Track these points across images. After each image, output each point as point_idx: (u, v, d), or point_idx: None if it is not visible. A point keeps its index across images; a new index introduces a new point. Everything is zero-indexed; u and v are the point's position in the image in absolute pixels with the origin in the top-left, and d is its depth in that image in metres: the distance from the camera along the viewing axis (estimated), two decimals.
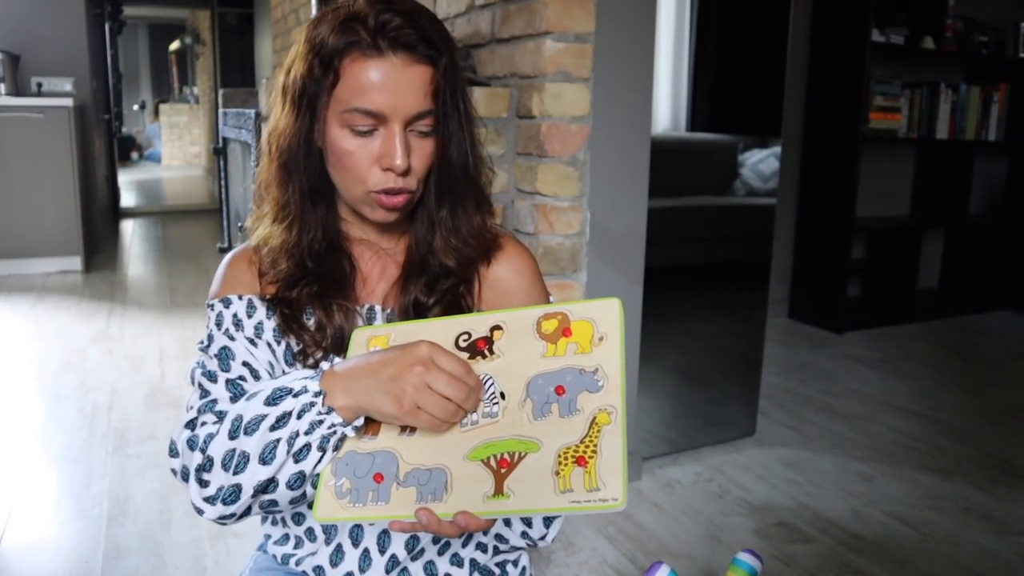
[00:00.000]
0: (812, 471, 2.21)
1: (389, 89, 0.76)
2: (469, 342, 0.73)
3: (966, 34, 3.90)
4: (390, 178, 0.78)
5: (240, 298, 0.84)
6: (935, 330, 3.75)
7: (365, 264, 0.88)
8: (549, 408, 0.67)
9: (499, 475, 0.65)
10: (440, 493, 0.65)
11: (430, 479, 0.66)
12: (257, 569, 0.93)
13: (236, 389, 0.79)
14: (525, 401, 0.68)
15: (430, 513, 0.64)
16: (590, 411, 0.65)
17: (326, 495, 0.68)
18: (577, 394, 0.67)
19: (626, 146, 1.91)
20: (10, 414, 2.50)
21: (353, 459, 0.69)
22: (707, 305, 2.26)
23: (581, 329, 0.70)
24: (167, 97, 12.59)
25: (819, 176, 3.70)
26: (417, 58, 0.77)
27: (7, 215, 4.35)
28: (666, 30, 2.02)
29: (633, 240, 1.98)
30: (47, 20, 4.85)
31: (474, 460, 0.66)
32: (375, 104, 0.76)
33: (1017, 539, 1.88)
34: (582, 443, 0.64)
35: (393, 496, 0.67)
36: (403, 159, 0.77)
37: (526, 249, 0.92)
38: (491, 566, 0.94)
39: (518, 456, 0.65)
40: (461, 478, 0.66)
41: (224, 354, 0.81)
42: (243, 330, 0.83)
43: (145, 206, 7.69)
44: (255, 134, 2.44)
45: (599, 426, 0.64)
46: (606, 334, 0.69)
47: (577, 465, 0.63)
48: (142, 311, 3.75)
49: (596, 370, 0.67)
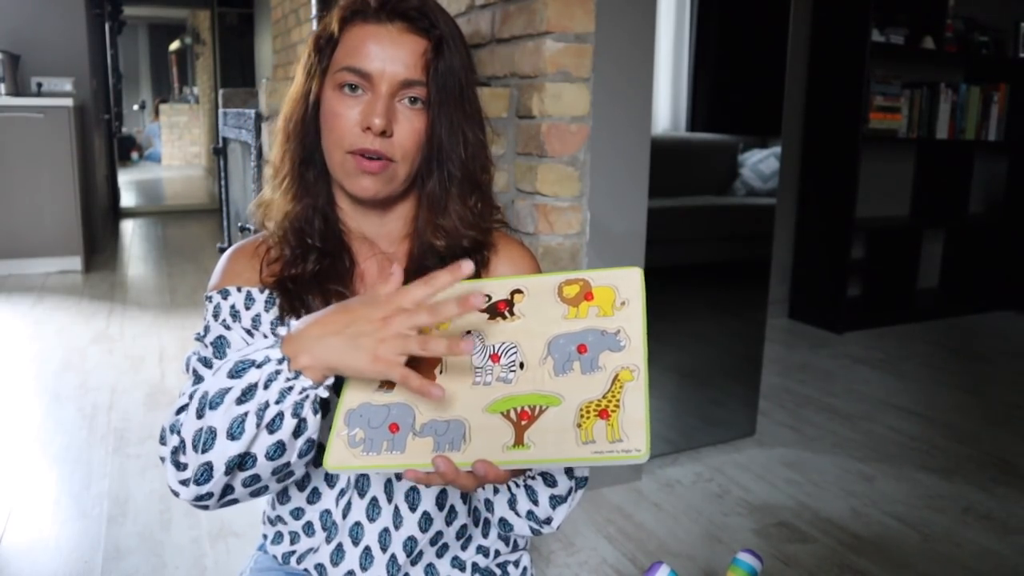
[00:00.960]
0: (812, 471, 2.21)
1: (380, 52, 0.78)
2: (489, 303, 0.72)
3: (966, 34, 3.90)
4: (368, 138, 0.78)
5: (239, 290, 0.84)
6: (935, 330, 3.75)
7: (365, 264, 0.88)
8: (571, 365, 0.67)
9: (519, 427, 0.64)
10: (458, 443, 0.64)
11: (448, 429, 0.65)
12: (258, 569, 0.93)
13: None
14: (546, 359, 0.67)
15: (448, 461, 0.63)
16: (612, 368, 0.65)
17: (338, 444, 0.67)
18: (599, 352, 0.67)
19: (626, 146, 1.91)
20: (10, 414, 2.50)
21: (367, 410, 0.68)
22: (707, 305, 2.26)
23: (603, 294, 0.70)
24: (167, 97, 12.59)
25: (819, 176, 3.70)
26: (413, 28, 0.79)
27: (7, 215, 4.35)
28: (666, 30, 2.02)
29: (633, 240, 1.98)
30: (47, 20, 4.85)
31: (493, 412, 0.65)
32: (364, 64, 0.78)
33: (1017, 539, 1.88)
34: (604, 397, 0.64)
35: (409, 446, 0.65)
36: (382, 118, 0.77)
37: (528, 251, 0.92)
38: (493, 567, 0.94)
39: (539, 409, 0.64)
40: (480, 429, 0.65)
41: (220, 343, 0.82)
42: (240, 321, 0.83)
43: (145, 206, 7.69)
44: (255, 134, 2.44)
45: (621, 382, 0.64)
46: (628, 299, 0.69)
47: (599, 418, 0.62)
48: (142, 311, 3.75)
49: (618, 331, 0.67)
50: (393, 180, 0.81)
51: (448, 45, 0.80)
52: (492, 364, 0.68)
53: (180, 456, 0.70)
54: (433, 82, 0.79)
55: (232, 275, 0.86)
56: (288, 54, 4.35)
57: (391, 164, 0.80)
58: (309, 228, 0.84)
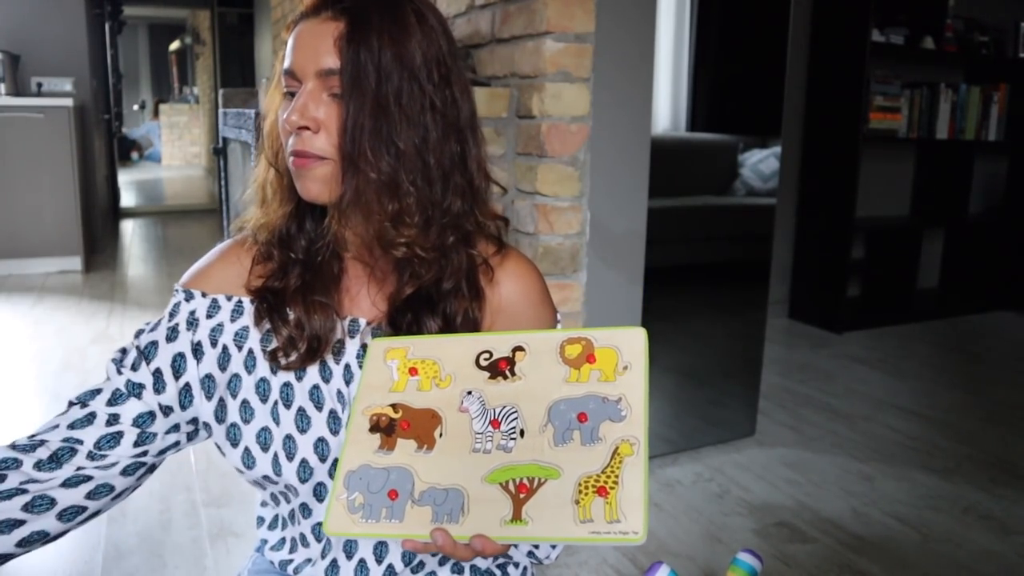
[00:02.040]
0: (812, 471, 2.21)
1: (299, 47, 0.74)
2: (490, 361, 0.71)
3: (966, 34, 3.90)
4: (294, 139, 0.73)
5: (204, 295, 0.81)
6: (935, 330, 3.75)
7: (353, 275, 0.83)
8: (571, 435, 0.66)
9: (518, 500, 0.63)
10: (456, 515, 0.64)
11: (447, 499, 0.65)
12: (255, 571, 0.92)
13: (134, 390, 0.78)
14: (546, 426, 0.67)
15: (445, 534, 0.62)
16: (612, 441, 0.64)
17: (338, 508, 0.66)
18: (600, 423, 0.66)
19: (626, 146, 1.91)
20: (10, 414, 2.50)
21: (367, 473, 0.68)
22: (707, 305, 2.26)
23: (605, 356, 0.69)
24: (167, 97, 12.59)
25: (819, 176, 3.70)
26: (332, 15, 0.73)
27: (7, 215, 4.35)
28: (666, 30, 2.02)
29: (633, 240, 1.98)
30: (47, 20, 4.85)
31: (492, 483, 0.65)
32: (289, 63, 0.74)
33: (1017, 539, 1.88)
34: (603, 473, 0.63)
35: (408, 514, 0.65)
36: (295, 113, 0.72)
37: (532, 265, 0.88)
38: (493, 568, 0.94)
39: (538, 482, 0.64)
40: (478, 500, 0.64)
41: (149, 350, 0.79)
42: (195, 330, 0.80)
43: (145, 206, 7.69)
44: (255, 134, 2.44)
45: (621, 456, 0.63)
46: (630, 363, 0.68)
47: (598, 495, 0.62)
48: (142, 311, 3.75)
49: (620, 399, 0.66)
50: (331, 180, 0.74)
51: (365, 23, 0.71)
52: (492, 430, 0.68)
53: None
54: (346, 68, 0.71)
55: (208, 275, 0.82)
56: None
57: (320, 162, 0.73)
58: (293, 242, 0.81)
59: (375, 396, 0.71)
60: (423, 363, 0.72)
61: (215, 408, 0.80)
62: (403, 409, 0.70)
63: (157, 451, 0.80)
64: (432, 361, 0.72)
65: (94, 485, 0.76)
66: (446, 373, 0.71)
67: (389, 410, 0.70)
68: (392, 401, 0.71)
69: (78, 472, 0.75)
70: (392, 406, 0.70)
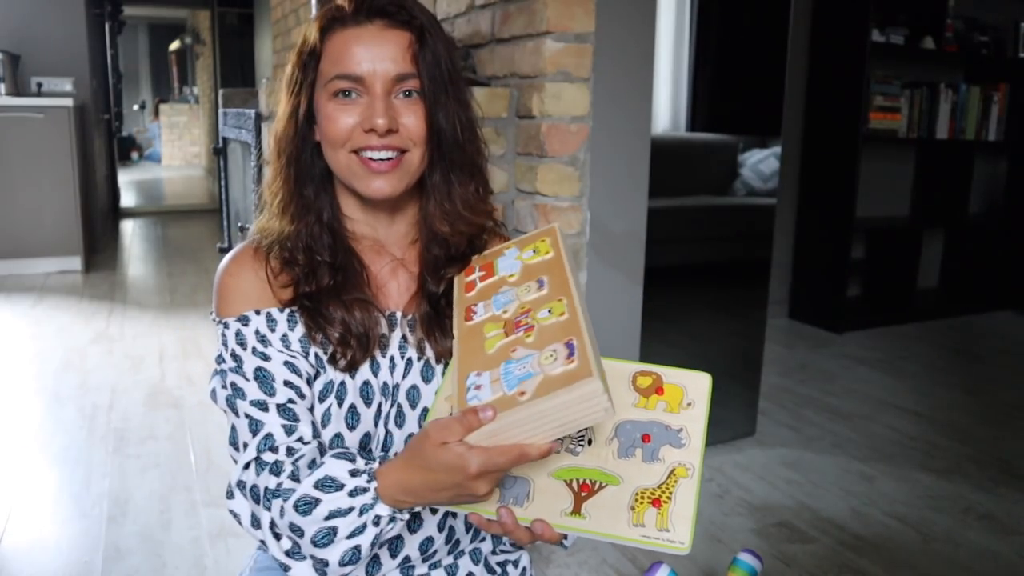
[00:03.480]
0: (812, 471, 2.21)
1: (367, 53, 0.78)
2: None
3: (966, 34, 3.90)
4: (372, 138, 0.79)
5: (258, 313, 0.81)
6: (935, 330, 3.75)
7: (378, 269, 0.87)
8: (633, 451, 0.72)
9: (579, 497, 0.69)
10: (522, 499, 0.70)
11: (515, 485, 0.70)
12: (258, 568, 0.93)
13: (288, 415, 0.78)
14: (612, 440, 0.73)
15: (511, 513, 0.68)
16: (670, 462, 0.71)
17: None
18: (661, 445, 0.72)
19: (626, 146, 1.91)
20: (10, 414, 2.50)
21: None
22: (707, 305, 2.26)
23: (672, 391, 0.76)
24: (167, 97, 12.59)
25: (819, 176, 3.70)
26: (394, 23, 0.80)
27: (7, 215, 4.35)
28: (666, 30, 2.02)
29: (633, 240, 1.97)
30: (47, 20, 4.85)
31: (558, 479, 0.71)
32: (354, 68, 0.78)
33: (1017, 539, 1.88)
34: (659, 487, 0.69)
35: None
36: (383, 117, 0.78)
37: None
38: (493, 565, 0.94)
39: (599, 485, 0.70)
40: (543, 491, 0.70)
41: (263, 376, 0.79)
42: (272, 344, 0.80)
43: (145, 206, 7.69)
44: (255, 134, 2.44)
45: (676, 477, 0.70)
46: (694, 401, 0.75)
47: (652, 505, 0.68)
48: (142, 311, 3.75)
49: (681, 429, 0.73)
50: (409, 171, 0.82)
51: (430, 33, 0.80)
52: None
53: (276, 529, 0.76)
54: (424, 72, 0.80)
55: (242, 296, 0.82)
56: (288, 54, 4.34)
57: (404, 156, 0.81)
58: (317, 244, 0.83)
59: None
60: None
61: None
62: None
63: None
64: None
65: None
66: None
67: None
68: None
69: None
70: None
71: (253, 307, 0.81)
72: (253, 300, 0.82)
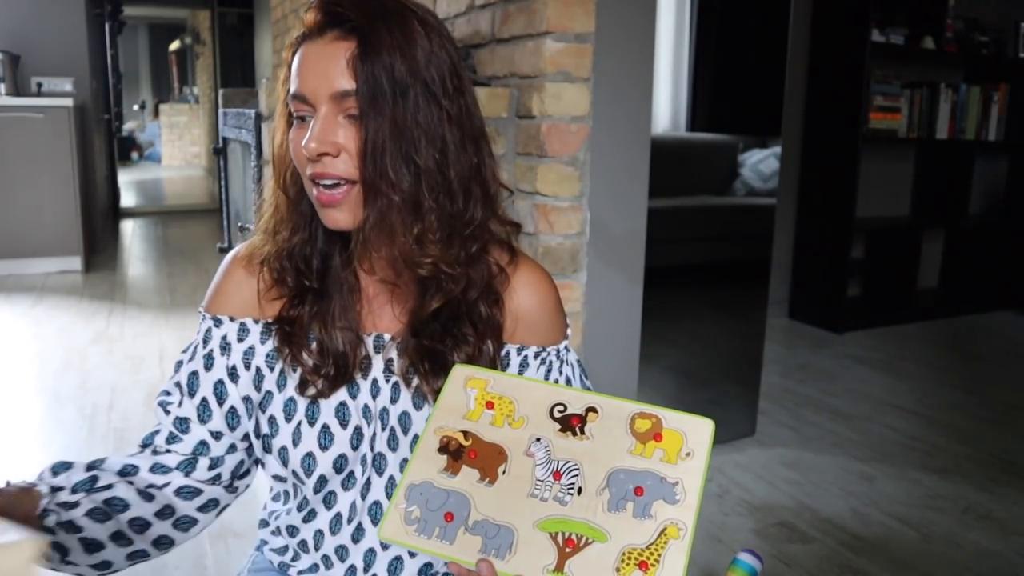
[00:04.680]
0: (812, 471, 2.21)
1: (310, 71, 0.71)
2: (564, 415, 0.73)
3: (966, 34, 3.90)
4: (315, 164, 0.71)
5: (232, 320, 0.81)
6: (935, 330, 3.75)
7: (372, 290, 0.83)
8: (624, 504, 0.69)
9: (563, 553, 0.66)
10: (504, 552, 0.67)
11: (498, 534, 0.68)
12: (255, 570, 0.92)
13: (183, 427, 0.81)
14: (603, 490, 0.69)
15: (491, 566, 0.65)
16: (662, 520, 0.67)
17: (394, 516, 0.69)
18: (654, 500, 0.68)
19: (626, 146, 1.91)
20: (10, 414, 2.50)
21: (428, 490, 0.70)
22: (707, 305, 2.26)
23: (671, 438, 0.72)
24: (167, 97, 12.59)
25: (819, 176, 3.70)
26: (340, 34, 0.70)
27: (7, 215, 4.35)
28: (666, 30, 2.02)
29: (633, 240, 1.97)
30: (47, 20, 4.85)
31: (543, 531, 0.68)
32: (299, 87, 0.71)
33: (1017, 539, 1.88)
34: (648, 548, 0.66)
35: (459, 539, 0.68)
36: (315, 141, 0.70)
37: (549, 277, 0.88)
38: None
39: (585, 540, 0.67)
40: (527, 543, 0.67)
41: (192, 381, 0.81)
42: (229, 355, 0.81)
43: (145, 206, 7.69)
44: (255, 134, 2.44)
45: (667, 538, 0.66)
46: (693, 451, 0.71)
47: (638, 568, 0.65)
48: (142, 311, 3.75)
49: (677, 483, 0.69)
50: (355, 204, 0.72)
51: (376, 40, 0.69)
52: (553, 481, 0.70)
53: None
54: (362, 87, 0.69)
55: (226, 297, 0.82)
56: None
57: (354, 187, 0.72)
58: (306, 268, 0.79)
59: (449, 419, 0.73)
60: (500, 399, 0.75)
61: (254, 426, 0.83)
62: (473, 438, 0.72)
63: (229, 471, 0.83)
64: (509, 400, 0.75)
65: (204, 499, 0.83)
66: (520, 414, 0.74)
67: (460, 436, 0.72)
68: (464, 428, 0.73)
69: (184, 482, 0.81)
70: (463, 432, 0.72)
71: (231, 312, 0.81)
72: (234, 306, 0.81)
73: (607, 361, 1.98)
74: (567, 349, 0.89)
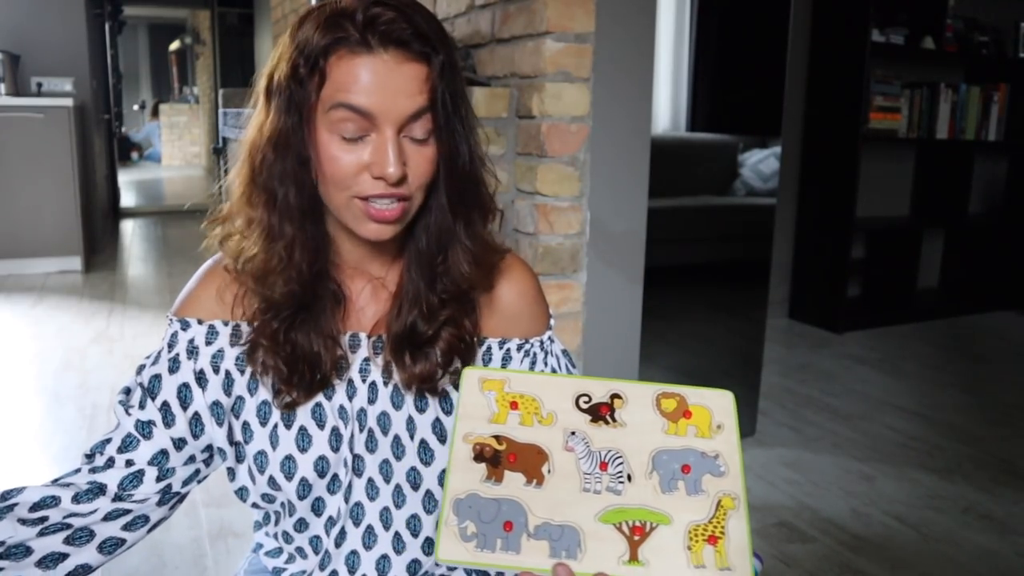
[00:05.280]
0: (812, 471, 2.21)
1: (379, 88, 0.69)
2: (591, 405, 0.73)
3: (966, 34, 3.90)
4: (380, 186, 0.71)
5: (200, 323, 0.78)
6: (935, 330, 3.75)
7: (353, 290, 0.82)
8: (676, 484, 0.69)
9: (633, 541, 0.66)
10: (574, 551, 0.65)
11: (563, 535, 0.66)
12: (251, 571, 0.92)
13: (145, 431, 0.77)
14: (652, 473, 0.69)
15: (568, 569, 0.63)
16: (714, 493, 0.68)
17: (448, 535, 0.66)
18: (702, 475, 0.69)
19: (626, 146, 1.91)
20: (10, 414, 2.50)
21: (476, 502, 0.67)
22: (707, 305, 2.26)
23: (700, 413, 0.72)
24: (167, 97, 12.59)
25: (819, 176, 3.70)
26: (410, 55, 0.70)
27: (7, 215, 4.35)
28: (666, 30, 2.02)
29: (633, 240, 1.97)
30: (47, 20, 4.85)
31: (606, 523, 0.67)
32: (362, 103, 0.69)
33: (1017, 539, 1.88)
34: (711, 522, 0.66)
35: (524, 547, 0.65)
36: (396, 166, 0.70)
37: (527, 267, 0.89)
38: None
39: (650, 526, 0.66)
40: (594, 538, 0.66)
41: (153, 384, 0.78)
42: (196, 358, 0.78)
43: (145, 206, 7.69)
44: None
45: (725, 509, 0.67)
46: (723, 423, 0.71)
47: (708, 543, 0.65)
48: (142, 311, 3.75)
49: (717, 456, 0.70)
50: (408, 215, 0.75)
51: (448, 64, 0.72)
52: (601, 472, 0.69)
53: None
54: (441, 109, 0.72)
55: (198, 301, 0.79)
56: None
57: (405, 203, 0.74)
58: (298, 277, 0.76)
59: (475, 425, 0.71)
60: (523, 398, 0.73)
61: (226, 433, 0.80)
62: (507, 442, 0.70)
63: (180, 482, 0.80)
64: (532, 397, 0.73)
65: (131, 517, 0.77)
66: (547, 411, 0.72)
67: (493, 441, 0.70)
68: (494, 432, 0.71)
69: (113, 506, 0.76)
70: (496, 438, 0.70)
71: (200, 315, 0.79)
72: (205, 309, 0.79)
73: (607, 361, 1.98)
74: (551, 340, 0.89)
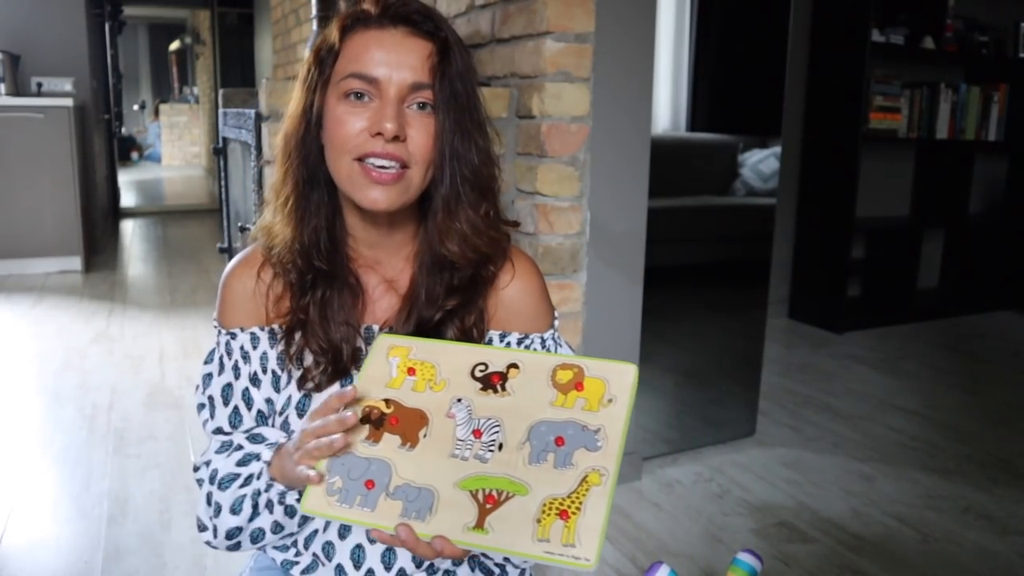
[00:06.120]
0: (812, 471, 2.21)
1: (386, 56, 0.77)
2: (484, 374, 0.74)
3: (966, 34, 3.90)
4: (378, 143, 0.76)
5: (243, 330, 0.86)
6: (935, 330, 3.75)
7: (371, 288, 0.87)
8: (545, 456, 0.68)
9: (483, 509, 0.66)
10: (424, 513, 0.67)
11: (418, 497, 0.68)
12: (257, 568, 0.93)
13: (236, 419, 0.86)
14: (524, 444, 0.69)
15: (409, 530, 0.65)
16: (583, 468, 0.67)
17: (316, 489, 0.70)
18: (575, 449, 0.68)
19: (626, 146, 1.91)
20: (10, 414, 2.50)
21: (349, 460, 0.70)
22: (707, 305, 2.26)
23: (593, 386, 0.71)
24: (167, 97, 12.59)
25: (819, 176, 3.70)
26: (417, 32, 0.79)
27: (7, 215, 4.35)
28: (666, 30, 2.02)
29: (633, 240, 1.98)
30: (47, 20, 4.85)
31: (463, 489, 0.67)
32: (371, 70, 0.77)
33: (1017, 539, 1.88)
34: (568, 497, 0.65)
35: (379, 505, 0.68)
36: (393, 122, 0.75)
37: (534, 264, 0.91)
38: (491, 567, 0.94)
39: (505, 495, 0.66)
40: (447, 503, 0.67)
41: (227, 392, 0.86)
42: (250, 362, 0.86)
43: (145, 206, 7.69)
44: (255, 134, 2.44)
45: (588, 484, 0.66)
46: (616, 397, 0.70)
47: (559, 518, 0.64)
48: (142, 311, 3.75)
49: (598, 430, 0.69)
50: (408, 189, 0.79)
51: (453, 49, 0.79)
52: (473, 439, 0.70)
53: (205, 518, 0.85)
54: (441, 85, 0.78)
55: (236, 310, 0.86)
56: (288, 54, 4.35)
57: (406, 172, 0.78)
58: (316, 251, 0.83)
59: (372, 388, 0.74)
60: (422, 365, 0.75)
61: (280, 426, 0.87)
62: (395, 405, 0.73)
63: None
64: (431, 364, 0.75)
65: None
66: (441, 378, 0.74)
67: (382, 404, 0.73)
68: (386, 396, 0.73)
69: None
70: (385, 401, 0.73)
71: (242, 323, 0.86)
72: (243, 316, 0.86)
73: None
74: (554, 339, 0.90)
